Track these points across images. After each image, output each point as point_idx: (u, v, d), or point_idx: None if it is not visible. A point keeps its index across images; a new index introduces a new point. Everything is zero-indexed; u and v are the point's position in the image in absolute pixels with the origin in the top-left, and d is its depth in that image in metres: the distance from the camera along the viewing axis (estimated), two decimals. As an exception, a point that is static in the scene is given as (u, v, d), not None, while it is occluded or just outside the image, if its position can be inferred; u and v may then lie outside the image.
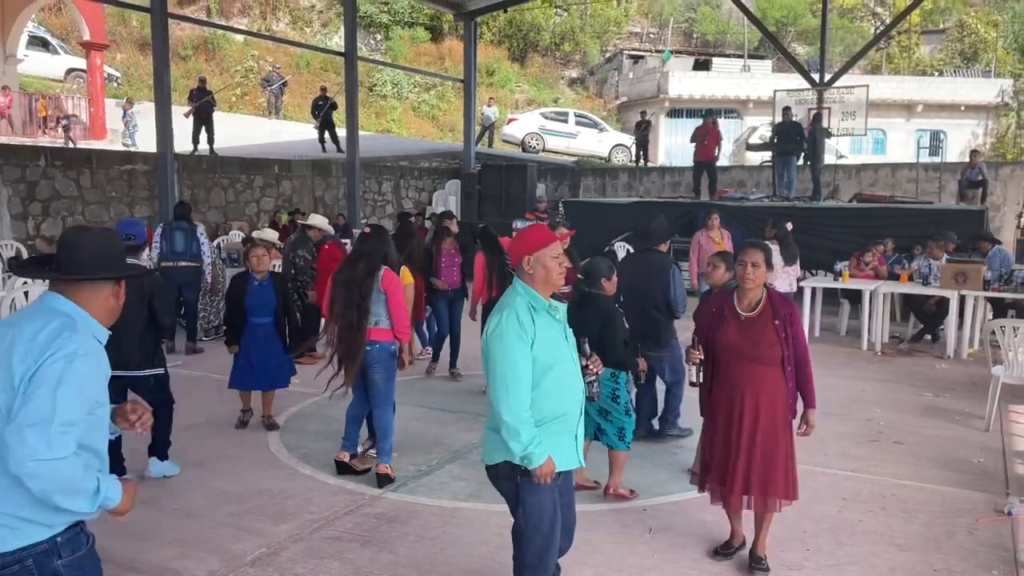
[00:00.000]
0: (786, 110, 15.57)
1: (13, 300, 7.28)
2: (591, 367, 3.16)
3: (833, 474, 5.43)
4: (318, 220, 8.65)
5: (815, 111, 16.43)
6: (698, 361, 4.07)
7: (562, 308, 3.15)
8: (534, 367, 2.97)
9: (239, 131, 20.46)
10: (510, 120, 25.46)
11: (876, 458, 5.80)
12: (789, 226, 9.22)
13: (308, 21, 34.53)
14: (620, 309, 5.14)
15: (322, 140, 19.62)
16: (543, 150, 24.49)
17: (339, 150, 18.91)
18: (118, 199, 13.52)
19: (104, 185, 13.28)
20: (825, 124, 15.75)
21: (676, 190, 19.39)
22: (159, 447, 5.14)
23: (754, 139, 24.08)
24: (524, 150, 24.39)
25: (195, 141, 16.31)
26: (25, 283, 7.46)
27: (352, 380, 4.90)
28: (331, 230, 9.46)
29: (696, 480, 4.29)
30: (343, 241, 13.67)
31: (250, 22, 32.20)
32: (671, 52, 32.61)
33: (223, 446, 5.79)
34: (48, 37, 24.16)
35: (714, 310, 4.11)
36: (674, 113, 29.72)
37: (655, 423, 6.22)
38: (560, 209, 15.13)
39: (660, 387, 6.19)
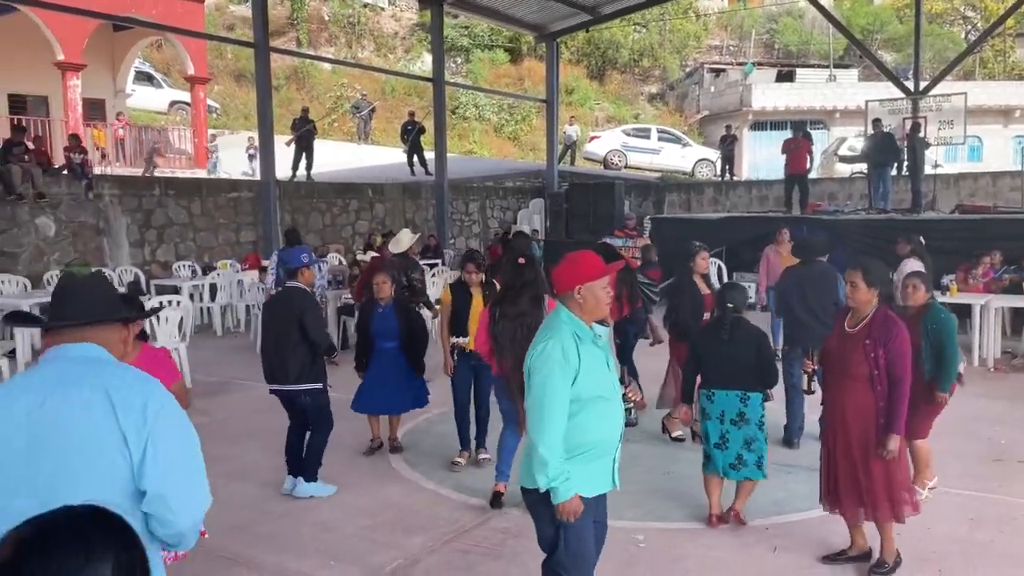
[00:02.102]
0: (876, 122, 15.24)
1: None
2: (629, 395, 3.19)
3: (956, 494, 5.32)
4: (408, 237, 8.85)
5: (912, 121, 16.02)
6: (810, 370, 4.37)
7: (604, 332, 3.11)
8: (579, 396, 2.93)
9: (330, 157, 21.18)
10: (592, 138, 25.61)
11: (1001, 477, 5.65)
12: (922, 240, 9.11)
13: (392, 48, 35.48)
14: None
15: (411, 163, 20.13)
16: (625, 167, 24.52)
17: (427, 173, 19.38)
18: (225, 225, 14.20)
19: (213, 212, 13.98)
20: (921, 134, 15.35)
21: (764, 204, 19.16)
22: (308, 467, 5.28)
23: (843, 150, 23.57)
24: (606, 167, 24.48)
25: (295, 168, 16.99)
26: (167, 304, 7.96)
27: None
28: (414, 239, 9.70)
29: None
30: (434, 261, 14.10)
31: (336, 51, 33.31)
32: (754, 64, 32.23)
33: (348, 462, 6.03)
34: (152, 72, 25.50)
35: (837, 318, 4.34)
36: (758, 126, 29.35)
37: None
38: (647, 225, 15.14)
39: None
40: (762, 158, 26.95)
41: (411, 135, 20.06)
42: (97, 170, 14.35)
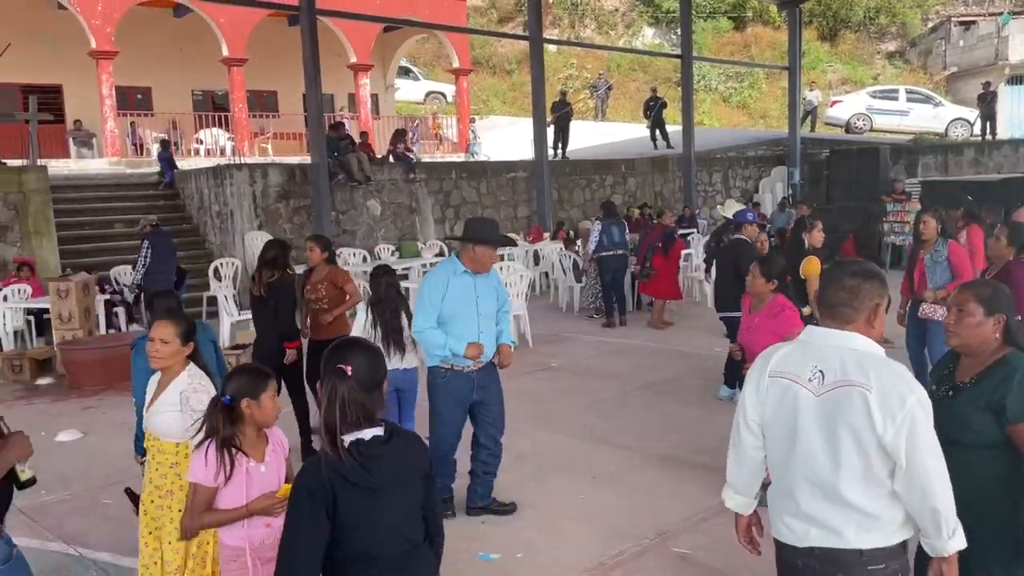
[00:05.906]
0: None
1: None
2: None
3: None
4: (733, 205, 9.93)
5: None
6: None
7: None
8: None
9: (572, 136, 22.47)
10: (833, 102, 25.14)
11: None
12: None
13: (612, 25, 36.32)
14: None
15: (653, 138, 21.02)
16: (869, 130, 23.93)
17: (668, 146, 20.19)
18: (505, 202, 15.87)
19: (495, 191, 15.68)
20: None
21: (1034, 163, 18.21)
22: (730, 376, 6.73)
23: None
24: (848, 131, 24.01)
25: (555, 147, 18.41)
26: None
27: None
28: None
29: None
30: (689, 230, 14.93)
31: (560, 31, 34.68)
32: (1010, 14, 29.84)
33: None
34: (410, 66, 28.10)
35: None
36: (1015, 80, 27.29)
37: None
38: (915, 190, 15.09)
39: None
40: (1021, 115, 25.18)
41: (653, 110, 20.94)
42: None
